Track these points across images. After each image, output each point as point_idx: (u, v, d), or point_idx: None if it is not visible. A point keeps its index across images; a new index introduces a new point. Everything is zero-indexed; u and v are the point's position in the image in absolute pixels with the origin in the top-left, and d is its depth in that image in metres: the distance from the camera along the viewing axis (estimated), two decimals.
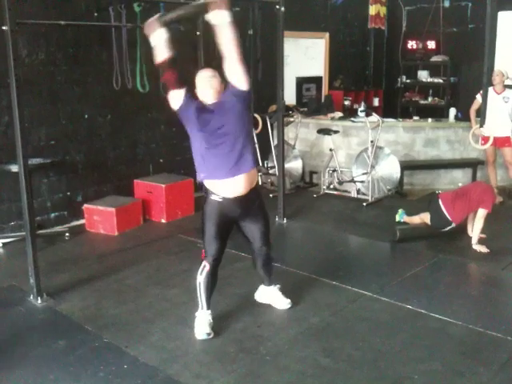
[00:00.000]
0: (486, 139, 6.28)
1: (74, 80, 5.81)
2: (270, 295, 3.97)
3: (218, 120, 3.40)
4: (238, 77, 3.36)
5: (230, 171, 3.42)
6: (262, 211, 3.72)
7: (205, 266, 3.58)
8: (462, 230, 5.32)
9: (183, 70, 3.49)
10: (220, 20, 3.29)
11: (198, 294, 3.61)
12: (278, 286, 4.00)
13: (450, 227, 5.21)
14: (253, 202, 3.60)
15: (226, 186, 3.45)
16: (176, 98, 3.41)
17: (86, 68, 5.90)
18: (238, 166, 3.42)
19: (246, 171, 3.45)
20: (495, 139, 6.35)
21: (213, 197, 3.51)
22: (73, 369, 3.24)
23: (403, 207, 5.81)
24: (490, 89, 6.31)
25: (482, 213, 4.97)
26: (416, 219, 5.56)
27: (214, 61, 6.51)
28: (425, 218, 5.41)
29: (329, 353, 3.36)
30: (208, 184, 3.52)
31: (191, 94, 3.44)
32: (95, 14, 5.69)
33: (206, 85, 3.45)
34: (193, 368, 3.23)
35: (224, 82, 3.47)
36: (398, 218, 5.74)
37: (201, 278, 3.58)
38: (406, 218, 5.70)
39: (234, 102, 3.40)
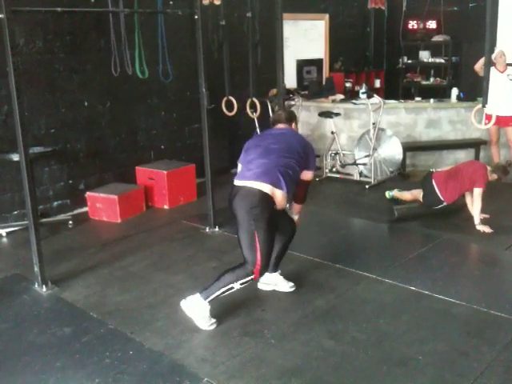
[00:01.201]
0: (489, 118, 6.24)
1: (72, 68, 5.78)
2: (273, 280, 3.98)
3: (275, 141, 3.74)
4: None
5: (255, 176, 3.54)
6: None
7: (251, 279, 3.47)
8: (465, 210, 5.31)
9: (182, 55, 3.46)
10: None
11: (219, 291, 3.46)
12: (279, 271, 4.01)
13: (441, 205, 5.28)
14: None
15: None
16: None
17: (84, 55, 5.86)
18: (265, 176, 3.58)
19: (273, 183, 3.63)
20: (499, 118, 6.30)
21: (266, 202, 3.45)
22: (79, 356, 3.26)
23: (405, 189, 5.79)
24: (492, 68, 6.26)
25: (477, 192, 4.98)
26: (407, 195, 5.60)
27: (213, 44, 6.52)
28: (417, 194, 5.46)
29: (333, 335, 3.37)
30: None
31: None
32: (92, 0, 5.64)
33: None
34: (198, 353, 3.25)
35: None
36: (387, 195, 5.83)
37: (238, 286, 3.46)
38: (396, 193, 5.73)
39: (298, 142, 3.79)
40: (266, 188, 3.41)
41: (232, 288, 3.46)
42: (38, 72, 5.51)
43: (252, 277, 3.45)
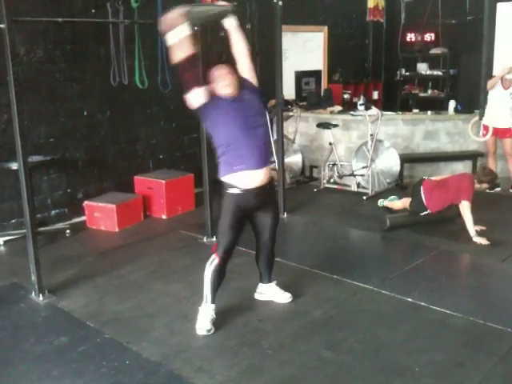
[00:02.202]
0: (487, 129, 6.32)
1: (72, 77, 5.81)
2: (270, 291, 3.98)
3: (248, 108, 3.50)
4: (250, 74, 3.60)
5: (257, 161, 3.47)
6: (274, 205, 3.86)
7: (214, 259, 3.57)
8: (461, 219, 5.32)
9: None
10: (232, 24, 3.60)
11: (204, 287, 3.60)
12: (275, 281, 4.01)
13: (425, 212, 5.37)
14: (268, 194, 3.68)
15: (250, 177, 3.47)
16: (198, 96, 3.39)
17: (84, 65, 5.89)
18: (263, 156, 3.53)
19: (268, 163, 3.60)
20: (497, 130, 6.43)
21: (231, 190, 3.50)
22: (75, 365, 3.25)
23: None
24: (499, 82, 6.48)
25: (465, 205, 5.04)
26: (398, 204, 5.67)
27: (212, 55, 6.55)
28: (406, 202, 5.52)
29: (331, 345, 3.37)
30: (229, 178, 3.50)
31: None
32: (92, 11, 5.69)
33: (223, 82, 3.46)
34: (195, 363, 3.24)
35: (238, 78, 3.55)
36: (379, 204, 6.00)
37: (209, 270, 3.57)
38: (387, 204, 5.86)
39: (254, 97, 3.56)
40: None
41: (206, 275, 3.58)
42: (38, 81, 5.53)
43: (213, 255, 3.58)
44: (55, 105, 5.71)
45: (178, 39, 3.28)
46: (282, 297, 3.96)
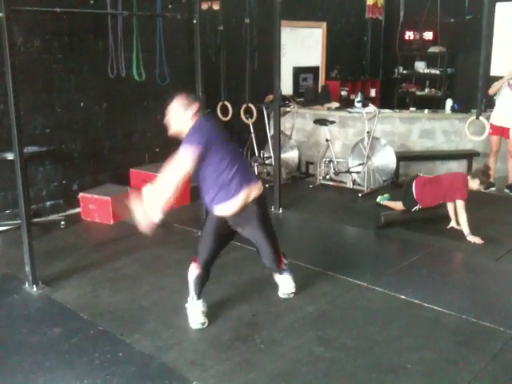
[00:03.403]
0: (493, 127, 6.44)
1: (69, 68, 5.79)
2: (279, 279, 3.99)
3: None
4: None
5: (248, 179, 3.46)
6: (265, 223, 3.61)
7: (194, 270, 3.54)
8: (455, 217, 5.34)
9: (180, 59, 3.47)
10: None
11: (189, 287, 3.60)
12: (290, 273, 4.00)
13: (416, 207, 5.42)
14: (253, 212, 3.51)
15: (224, 208, 3.43)
16: (190, 157, 3.28)
17: (81, 56, 5.87)
18: (231, 188, 3.40)
19: (245, 185, 3.44)
20: (504, 129, 6.50)
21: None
22: (68, 356, 3.25)
23: (397, 197, 5.83)
24: (505, 84, 6.53)
25: (459, 204, 5.05)
26: (398, 205, 5.67)
27: (210, 49, 6.54)
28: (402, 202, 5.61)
29: (323, 341, 3.38)
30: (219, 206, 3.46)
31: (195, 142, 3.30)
32: (91, 2, 5.65)
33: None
34: (188, 356, 3.25)
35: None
36: (379, 199, 6.04)
37: (191, 277, 3.56)
38: (386, 203, 5.94)
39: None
40: None
41: (190, 281, 3.56)
42: (35, 72, 5.51)
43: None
44: (52, 96, 5.69)
45: (157, 205, 3.31)
46: (287, 285, 3.95)
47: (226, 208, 3.42)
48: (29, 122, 5.47)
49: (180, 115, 3.40)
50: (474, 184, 5.14)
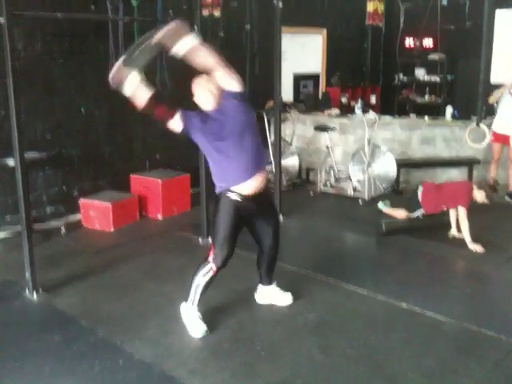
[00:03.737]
0: (495, 135, 6.45)
1: (70, 73, 5.79)
2: (271, 294, 3.96)
3: (232, 122, 3.39)
4: (228, 82, 3.39)
5: (254, 169, 3.43)
6: (273, 209, 3.83)
7: (211, 269, 3.51)
8: (456, 225, 5.33)
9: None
10: (189, 46, 3.31)
11: (193, 292, 3.57)
12: (275, 283, 4.00)
13: (420, 211, 5.39)
14: (266, 199, 3.65)
15: (244, 186, 3.43)
16: (175, 125, 3.40)
17: (82, 61, 5.87)
18: (260, 162, 3.48)
19: (264, 167, 3.54)
20: (505, 137, 6.51)
21: (229, 194, 3.45)
22: (68, 363, 3.24)
23: (398, 204, 5.83)
24: (507, 92, 6.55)
25: (461, 211, 5.04)
26: (401, 213, 5.63)
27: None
28: (406, 208, 5.58)
29: (324, 349, 3.37)
30: (224, 189, 3.47)
31: (187, 110, 3.42)
32: (92, 7, 5.66)
33: (204, 91, 3.42)
34: (188, 364, 3.23)
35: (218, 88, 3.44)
36: (380, 205, 6.00)
37: (203, 280, 3.53)
38: (387, 210, 5.86)
39: (236, 103, 3.41)
40: None
41: (198, 284, 3.52)
42: (36, 76, 5.51)
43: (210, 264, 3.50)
44: (52, 101, 5.69)
45: (134, 88, 3.35)
46: (283, 298, 3.94)
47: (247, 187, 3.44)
48: (29, 127, 5.45)
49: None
50: (480, 195, 5.11)
